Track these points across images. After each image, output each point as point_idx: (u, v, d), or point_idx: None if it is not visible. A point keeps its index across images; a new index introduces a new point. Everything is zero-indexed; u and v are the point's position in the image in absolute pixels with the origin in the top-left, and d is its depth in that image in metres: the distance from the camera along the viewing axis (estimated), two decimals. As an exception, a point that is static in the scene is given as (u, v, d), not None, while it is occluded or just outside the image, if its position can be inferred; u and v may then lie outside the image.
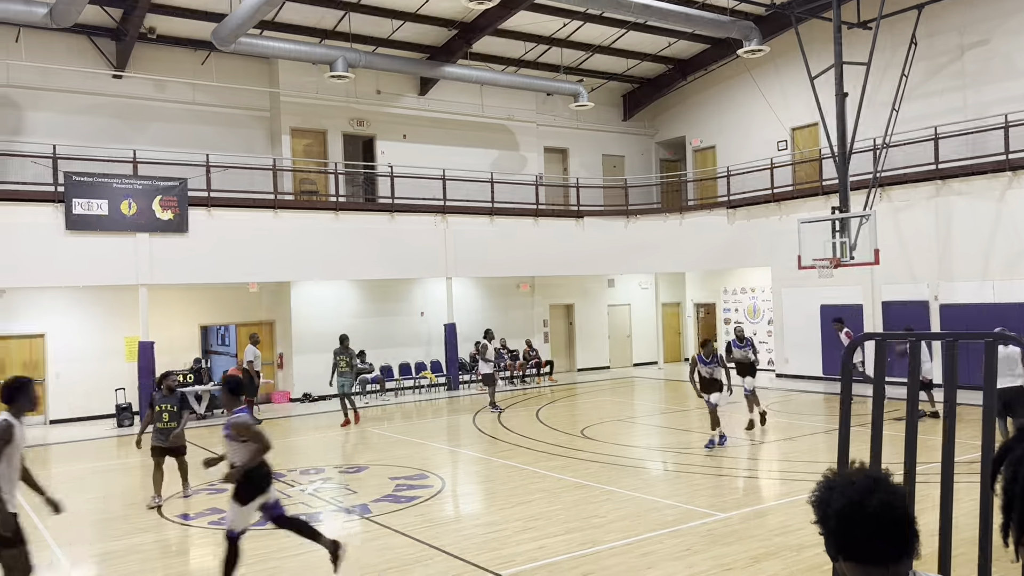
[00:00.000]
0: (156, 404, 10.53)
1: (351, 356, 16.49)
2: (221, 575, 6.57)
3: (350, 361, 16.38)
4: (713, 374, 12.63)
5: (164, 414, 10.47)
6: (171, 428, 10.45)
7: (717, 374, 12.65)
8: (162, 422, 10.43)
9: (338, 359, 16.31)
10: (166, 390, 10.58)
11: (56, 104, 18.80)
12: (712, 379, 12.62)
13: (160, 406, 10.49)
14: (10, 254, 16.15)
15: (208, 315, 20.25)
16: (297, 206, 20.16)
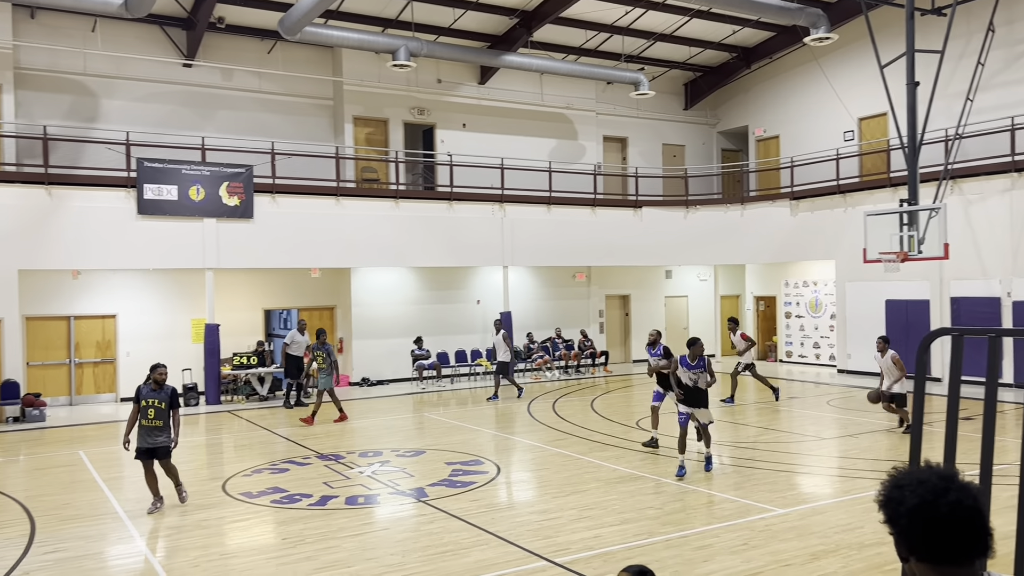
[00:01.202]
0: (143, 399, 9.19)
1: (329, 352, 15.23)
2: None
3: (328, 357, 15.17)
4: (698, 382, 10.55)
5: (150, 410, 9.15)
6: (156, 427, 9.16)
7: (702, 382, 10.60)
8: (147, 419, 9.14)
9: (315, 355, 15.29)
10: (154, 384, 9.29)
11: (129, 92, 19.40)
12: (696, 388, 10.57)
13: (146, 401, 9.17)
14: (85, 237, 16.76)
15: (271, 299, 20.72)
16: (358, 194, 20.45)
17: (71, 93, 18.85)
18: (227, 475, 11.09)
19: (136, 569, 7.38)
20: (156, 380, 9.30)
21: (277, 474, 11.14)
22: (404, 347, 21.13)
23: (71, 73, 18.78)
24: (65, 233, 16.59)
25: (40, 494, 10.20)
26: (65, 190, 16.75)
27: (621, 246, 23.07)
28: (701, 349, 10.65)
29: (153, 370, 9.36)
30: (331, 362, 15.23)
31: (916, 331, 19.28)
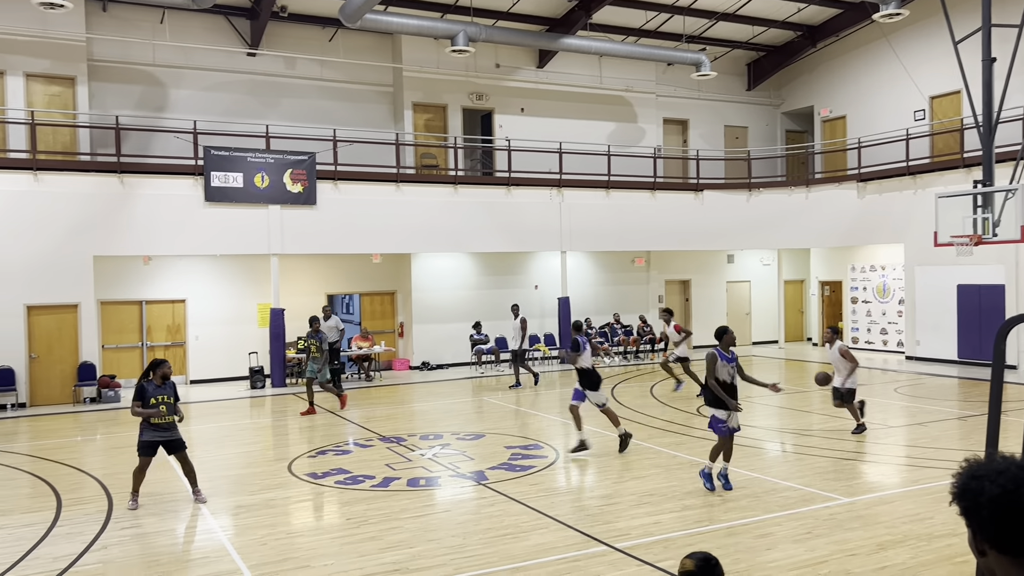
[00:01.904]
0: (151, 396, 9.01)
1: (322, 340, 14.71)
2: None
3: (320, 345, 14.66)
4: (734, 378, 9.25)
5: (161, 407, 9.02)
6: (168, 423, 9.07)
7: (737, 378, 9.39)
8: (159, 416, 9.00)
9: (308, 343, 14.81)
10: (159, 380, 9.13)
11: (196, 82, 19.88)
12: (732, 385, 9.20)
13: (155, 398, 9.01)
14: (155, 224, 17.29)
15: (334, 284, 21.08)
16: (418, 180, 20.62)
17: (141, 84, 19.40)
18: (293, 456, 11.36)
19: (207, 546, 7.63)
20: (163, 375, 9.14)
21: (341, 456, 11.37)
22: (463, 332, 21.29)
23: (141, 64, 19.33)
24: (136, 220, 17.14)
25: (116, 472, 10.61)
26: (136, 178, 17.29)
27: (681, 230, 22.79)
28: (733, 339, 9.40)
29: (158, 367, 9.17)
30: (323, 351, 14.72)
31: (989, 317, 18.61)
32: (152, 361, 9.38)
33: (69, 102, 18.40)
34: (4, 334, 16.07)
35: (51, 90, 18.32)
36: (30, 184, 16.36)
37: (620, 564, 6.82)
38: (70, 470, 10.79)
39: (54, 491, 9.67)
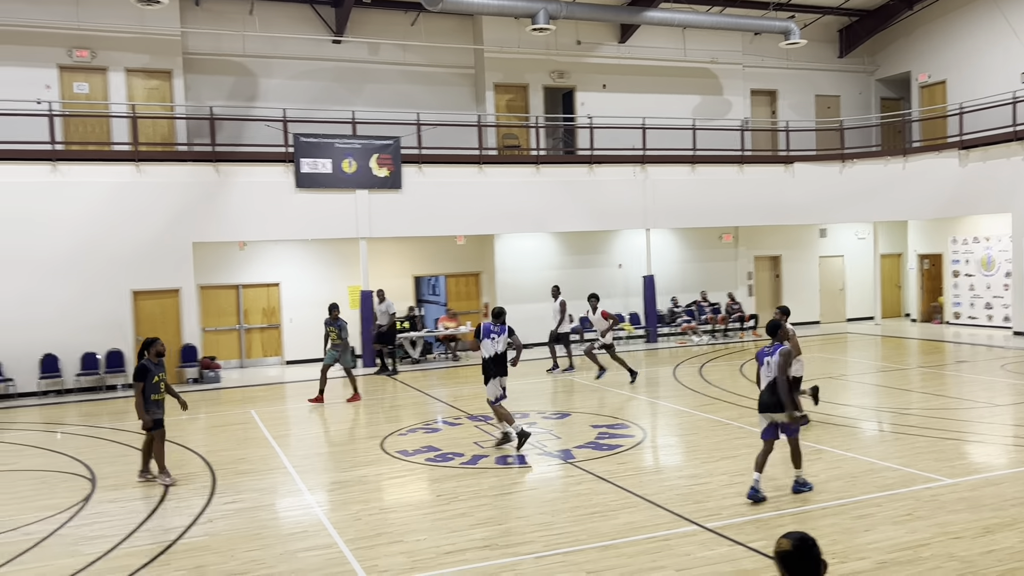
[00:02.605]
0: (154, 375, 9.31)
1: (341, 328, 14.39)
2: None
3: (340, 333, 14.36)
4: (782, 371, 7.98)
5: (161, 384, 9.40)
6: (162, 400, 9.42)
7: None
8: (158, 393, 9.38)
9: (328, 330, 14.45)
10: (155, 356, 9.39)
11: (284, 71, 20.41)
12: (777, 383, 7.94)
13: (158, 376, 9.35)
14: (249, 211, 17.89)
15: (420, 266, 21.41)
16: (500, 161, 20.67)
17: (233, 74, 20.04)
18: (384, 434, 11.64)
19: (304, 521, 7.91)
20: (157, 353, 9.39)
21: (430, 433, 11.59)
22: (547, 311, 21.26)
23: (232, 55, 19.96)
24: (231, 207, 17.77)
25: (218, 449, 11.09)
26: (230, 167, 17.90)
27: (771, 204, 22.18)
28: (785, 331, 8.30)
29: (153, 344, 9.39)
30: (344, 339, 14.40)
31: (1108, 289, 17.47)
32: (146, 340, 9.54)
33: (167, 95, 19.18)
34: (113, 318, 16.96)
35: (150, 84, 19.13)
36: (133, 175, 17.15)
37: (711, 544, 6.75)
38: (176, 447, 11.33)
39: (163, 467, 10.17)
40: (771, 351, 7.96)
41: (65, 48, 18.30)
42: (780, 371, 7.81)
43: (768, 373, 7.92)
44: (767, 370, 7.94)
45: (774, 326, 8.21)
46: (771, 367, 7.89)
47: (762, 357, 8.02)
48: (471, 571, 6.33)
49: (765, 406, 7.96)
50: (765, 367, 7.96)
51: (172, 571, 6.60)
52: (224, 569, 6.60)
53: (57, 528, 7.85)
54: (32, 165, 16.47)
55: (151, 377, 9.33)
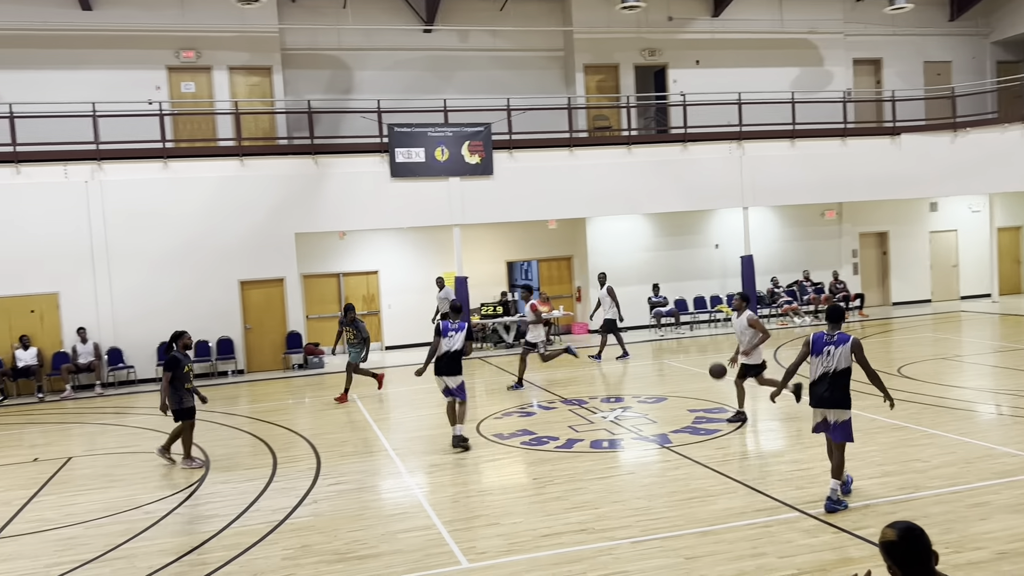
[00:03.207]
0: (184, 365, 9.89)
1: (358, 327, 13.93)
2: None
3: (357, 332, 13.91)
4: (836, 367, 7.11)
5: (190, 373, 10.00)
6: (192, 388, 10.00)
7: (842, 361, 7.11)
8: (189, 382, 9.94)
9: (342, 329, 14.09)
10: (183, 348, 10.02)
11: (378, 62, 20.80)
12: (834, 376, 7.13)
13: (188, 366, 9.96)
14: (347, 201, 18.36)
15: (512, 251, 21.51)
16: (591, 143, 20.51)
17: (329, 68, 20.56)
18: (480, 417, 11.79)
19: (405, 502, 8.11)
20: (185, 345, 10.02)
21: (525, 417, 11.67)
22: (641, 294, 21.07)
23: (328, 49, 20.47)
24: (330, 198, 18.28)
25: (322, 432, 11.48)
26: (329, 158, 18.40)
27: (876, 178, 21.21)
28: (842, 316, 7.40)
29: (181, 337, 10.03)
30: (361, 338, 13.93)
31: None
32: (174, 333, 10.15)
33: (267, 91, 19.86)
34: (223, 307, 17.75)
35: (251, 81, 19.85)
36: (237, 169, 17.85)
37: (814, 531, 6.55)
38: (283, 431, 11.80)
39: (270, 450, 10.62)
40: (836, 340, 7.08)
41: (172, 50, 19.17)
42: (867, 365, 7.04)
43: (827, 364, 7.07)
44: (826, 360, 7.07)
45: (838, 312, 7.35)
46: (833, 358, 7.04)
47: (821, 345, 7.13)
48: (567, 555, 6.36)
49: (821, 400, 7.11)
50: (824, 356, 7.09)
51: (280, 550, 6.88)
52: (328, 548, 6.84)
53: (175, 507, 8.30)
54: (146, 163, 17.36)
55: (181, 367, 9.86)
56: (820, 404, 7.16)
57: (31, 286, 16.70)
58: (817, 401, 7.18)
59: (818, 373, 7.14)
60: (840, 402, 7.05)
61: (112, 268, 17.02)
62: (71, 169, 16.85)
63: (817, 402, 7.18)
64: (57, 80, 18.18)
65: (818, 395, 7.15)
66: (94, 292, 16.97)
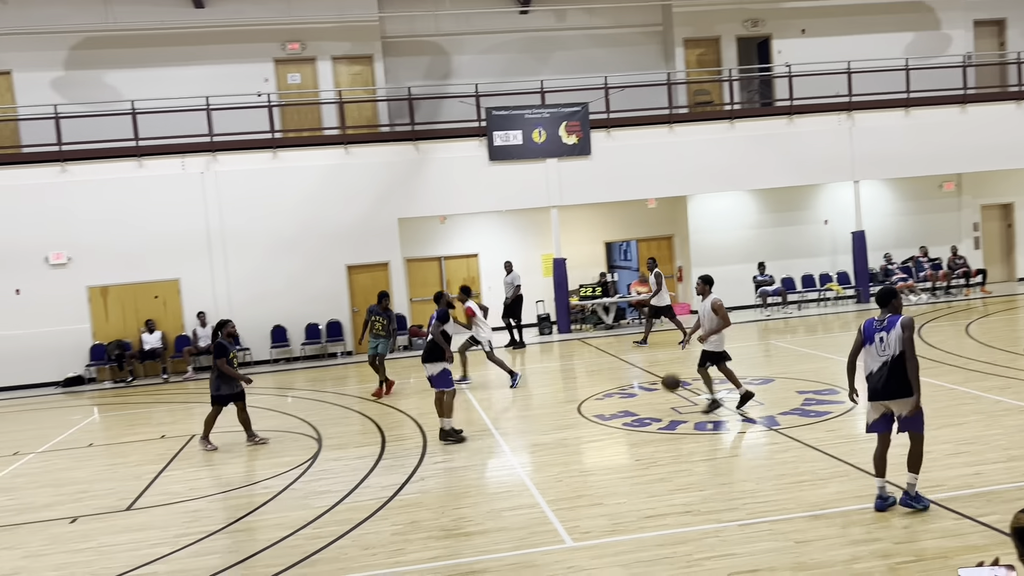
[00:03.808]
0: (231, 352, 10.37)
1: (389, 318, 13.52)
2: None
3: (386, 324, 13.45)
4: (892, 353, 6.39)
5: (235, 360, 10.53)
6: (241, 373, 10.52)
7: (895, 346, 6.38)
8: (234, 368, 10.43)
9: (372, 319, 13.46)
10: (228, 338, 10.51)
11: (475, 46, 20.94)
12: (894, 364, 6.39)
13: (233, 353, 10.48)
14: (447, 185, 18.62)
15: (611, 232, 21.35)
16: (691, 119, 20.07)
17: (427, 54, 20.85)
18: (581, 398, 11.80)
19: (508, 481, 8.22)
20: (229, 334, 10.48)
21: (626, 398, 11.61)
22: (746, 273, 20.55)
23: (426, 36, 20.75)
24: (431, 183, 18.58)
25: (428, 412, 11.73)
26: (429, 144, 18.69)
27: (1000, 147, 19.94)
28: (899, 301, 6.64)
29: (225, 326, 10.48)
30: (390, 329, 13.62)
31: None
32: (219, 322, 10.61)
33: (369, 79, 20.31)
34: (331, 291, 18.36)
35: (353, 70, 20.34)
36: (342, 157, 18.36)
37: (934, 517, 6.27)
38: (390, 410, 12.14)
39: (379, 428, 10.95)
40: (886, 325, 6.40)
41: (279, 43, 19.85)
42: (909, 347, 6.30)
43: (882, 352, 6.39)
44: (880, 348, 6.39)
45: (889, 294, 6.57)
46: (887, 344, 6.36)
47: (872, 332, 6.47)
48: (673, 536, 6.31)
49: (879, 392, 6.43)
50: (877, 344, 6.41)
51: (390, 525, 7.10)
52: (436, 524, 7.01)
53: (291, 483, 8.68)
54: (256, 153, 18.08)
55: (228, 353, 10.35)
56: (881, 396, 6.44)
57: (154, 273, 17.71)
58: (877, 393, 6.45)
59: (876, 364, 6.44)
60: (903, 391, 6.34)
61: (228, 255, 17.85)
62: (188, 161, 17.73)
63: (877, 394, 6.45)
64: (173, 77, 19.13)
65: (879, 387, 6.43)
66: (211, 278, 17.84)
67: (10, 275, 17.11)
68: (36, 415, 14.49)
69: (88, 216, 17.29)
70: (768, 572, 5.56)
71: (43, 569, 6.77)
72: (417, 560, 6.26)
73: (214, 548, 6.88)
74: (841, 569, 5.52)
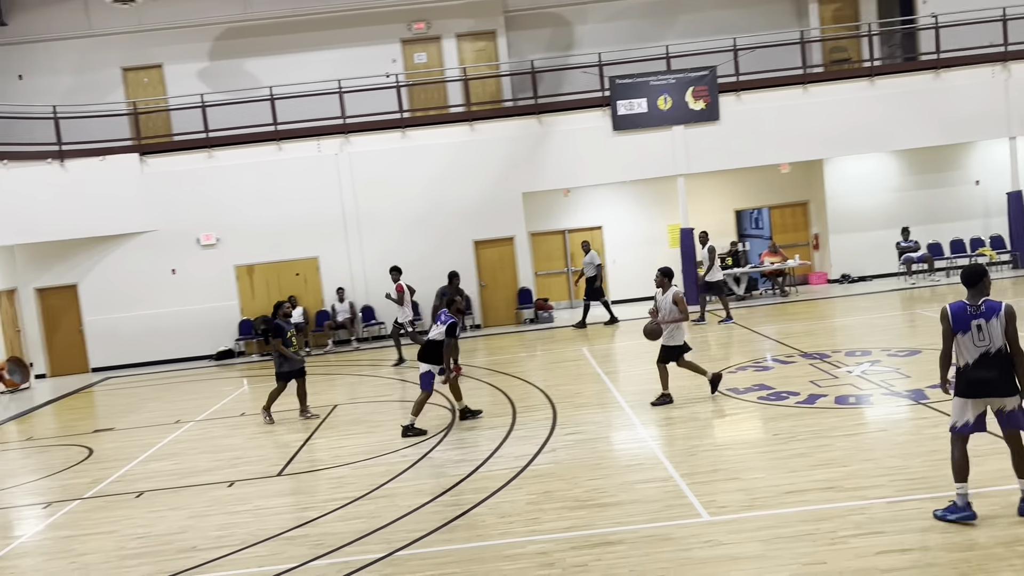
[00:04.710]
0: (287, 331, 10.99)
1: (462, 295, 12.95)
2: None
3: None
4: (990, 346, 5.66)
5: (294, 339, 11.11)
6: (297, 352, 11.08)
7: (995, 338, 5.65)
8: (292, 347, 11.04)
9: (442, 301, 13.41)
10: (284, 318, 11.09)
11: (597, 14, 20.65)
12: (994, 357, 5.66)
13: (291, 332, 11.05)
14: (571, 158, 18.55)
15: (741, 199, 20.69)
16: (827, 78, 19.10)
17: (549, 26, 20.75)
18: (713, 372, 11.55)
19: (641, 454, 8.19)
20: (285, 314, 11.11)
21: (761, 372, 11.30)
22: (888, 240, 19.46)
23: (548, 7, 20.65)
24: (554, 156, 18.56)
25: (556, 384, 11.85)
26: (552, 117, 18.66)
27: None
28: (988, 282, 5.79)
29: (281, 307, 11.13)
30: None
31: None
32: (276, 303, 11.30)
33: (492, 55, 20.44)
34: (459, 266, 18.54)
35: (477, 46, 20.53)
36: (467, 134, 18.61)
37: (1108, 500, 5.79)
38: (519, 382, 12.31)
39: (509, 400, 11.14)
40: (983, 311, 5.62)
41: (405, 23, 20.26)
42: (1015, 343, 5.54)
43: (980, 342, 5.63)
44: (979, 337, 5.62)
45: (974, 273, 5.74)
46: (987, 334, 5.61)
47: (966, 319, 5.65)
48: (815, 512, 6.12)
49: (983, 387, 5.63)
50: (974, 334, 5.63)
51: (524, 494, 7.23)
52: (570, 495, 7.09)
53: (427, 452, 8.98)
54: (386, 134, 18.59)
55: (285, 333, 10.96)
56: (983, 393, 5.64)
57: (295, 251, 18.60)
58: (977, 389, 5.65)
59: (973, 355, 5.66)
60: (1011, 387, 5.59)
61: (362, 232, 18.52)
62: (323, 143, 18.45)
63: (977, 390, 5.65)
64: (307, 62, 19.90)
65: (979, 381, 5.64)
66: (347, 255, 18.57)
67: (168, 256, 18.39)
68: (193, 386, 15.59)
69: (233, 199, 18.32)
70: (920, 552, 5.32)
71: (207, 528, 7.31)
72: (553, 529, 6.36)
73: (359, 513, 7.23)
74: (1002, 551, 5.20)
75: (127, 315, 18.41)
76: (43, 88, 19.52)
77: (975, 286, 5.72)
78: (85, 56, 19.88)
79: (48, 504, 8.60)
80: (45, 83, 19.65)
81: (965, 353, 5.72)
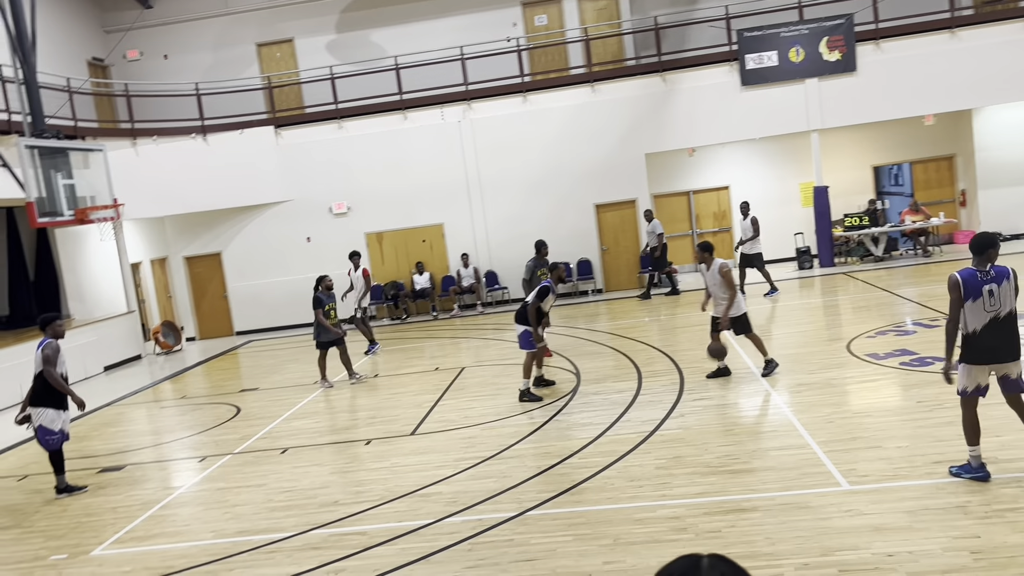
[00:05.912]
0: (326, 304, 11.65)
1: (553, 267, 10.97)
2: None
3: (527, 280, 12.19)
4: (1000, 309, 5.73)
5: (332, 312, 11.77)
6: (337, 323, 11.79)
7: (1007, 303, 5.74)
8: (331, 319, 11.72)
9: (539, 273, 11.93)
10: (325, 290, 11.72)
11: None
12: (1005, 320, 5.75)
13: (329, 306, 11.70)
14: (696, 116, 18.02)
15: (880, 155, 19.54)
16: (978, 20, 17.66)
17: (672, -19, 20.10)
18: (849, 336, 11.09)
19: (775, 420, 7.97)
20: (327, 287, 11.72)
21: (903, 336, 10.74)
22: (1047, 194, 17.95)
23: (670, -39, 19.98)
24: (678, 115, 18.08)
25: (681, 349, 11.67)
26: (676, 74, 18.14)
27: None
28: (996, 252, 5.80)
29: (322, 280, 11.72)
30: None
31: None
32: (318, 277, 11.83)
33: (614, 13, 20.03)
34: (581, 230, 18.65)
35: (598, 5, 20.14)
36: (588, 96, 18.38)
37: None
38: (643, 346, 12.21)
39: (634, 364, 11.07)
40: (994, 276, 5.68)
41: (524, -15, 20.13)
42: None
43: (991, 307, 5.67)
44: (990, 303, 5.67)
45: (984, 241, 5.76)
46: (998, 298, 5.68)
47: (979, 285, 5.68)
48: (966, 484, 5.79)
49: (991, 353, 5.71)
50: (986, 299, 5.67)
51: (653, 459, 7.20)
52: (700, 460, 7.00)
53: (554, 415, 9.07)
54: (507, 99, 18.61)
55: (324, 305, 11.64)
56: (991, 359, 5.72)
57: (421, 218, 19.02)
58: (985, 355, 5.72)
59: (980, 321, 5.70)
60: (1016, 352, 5.69)
61: (485, 198, 18.71)
62: (446, 111, 18.68)
63: (985, 356, 5.72)
64: (429, 30, 20.10)
65: (987, 347, 5.71)
66: (471, 221, 18.83)
67: (303, 224, 19.20)
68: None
69: (362, 168, 18.87)
70: (1087, 531, 4.95)
71: (347, 484, 7.68)
72: (684, 495, 6.31)
73: (489, 472, 7.40)
74: None
75: (266, 281, 19.41)
76: (185, 66, 20.64)
77: (983, 254, 5.76)
78: (222, 34, 20.85)
79: (203, 458, 9.26)
80: (187, 61, 20.75)
81: (973, 320, 5.74)
